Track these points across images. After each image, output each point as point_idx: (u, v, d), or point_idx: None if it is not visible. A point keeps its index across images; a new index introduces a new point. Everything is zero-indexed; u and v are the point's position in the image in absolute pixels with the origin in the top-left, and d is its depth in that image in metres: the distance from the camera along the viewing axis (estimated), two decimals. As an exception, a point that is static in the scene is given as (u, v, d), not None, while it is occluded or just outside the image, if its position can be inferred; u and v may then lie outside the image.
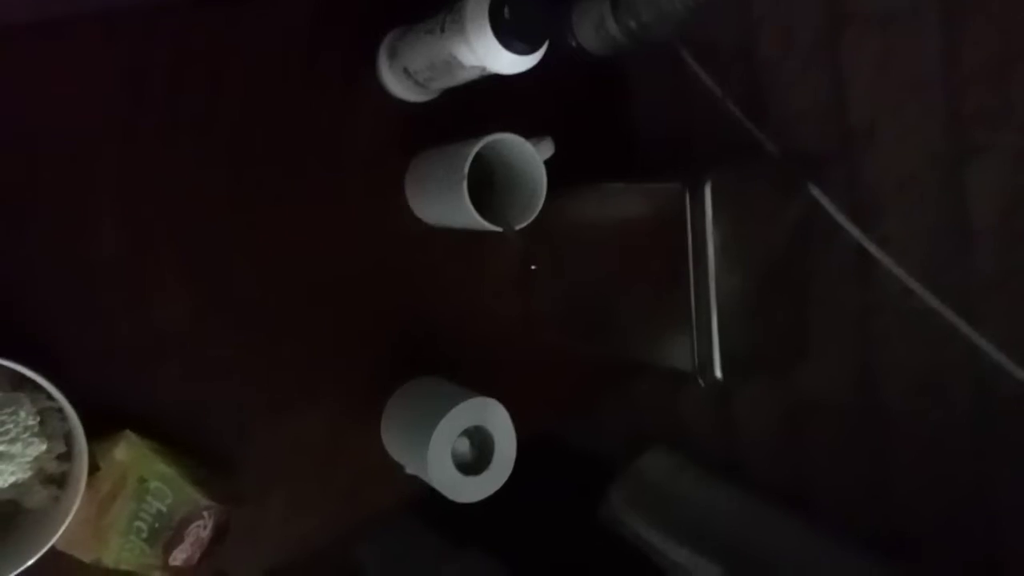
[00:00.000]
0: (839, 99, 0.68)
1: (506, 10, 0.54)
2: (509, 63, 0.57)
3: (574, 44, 0.74)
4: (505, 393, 0.65)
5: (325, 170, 0.68)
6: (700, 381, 0.61)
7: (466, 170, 0.61)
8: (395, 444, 0.67)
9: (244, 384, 0.64)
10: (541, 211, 0.64)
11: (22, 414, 0.51)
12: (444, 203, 0.67)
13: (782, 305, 0.67)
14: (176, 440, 0.60)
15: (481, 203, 0.62)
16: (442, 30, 0.59)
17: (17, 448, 0.50)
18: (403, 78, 0.67)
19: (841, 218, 0.66)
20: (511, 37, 0.55)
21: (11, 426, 0.50)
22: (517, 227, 0.64)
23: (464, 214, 0.63)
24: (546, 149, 0.68)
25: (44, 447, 0.52)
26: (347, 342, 0.69)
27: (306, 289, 0.67)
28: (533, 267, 0.71)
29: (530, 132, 0.67)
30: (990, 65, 0.58)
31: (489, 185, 0.68)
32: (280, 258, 0.66)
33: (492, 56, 0.56)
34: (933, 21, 0.60)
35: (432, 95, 0.70)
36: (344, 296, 0.69)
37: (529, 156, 0.65)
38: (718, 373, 0.60)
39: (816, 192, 0.66)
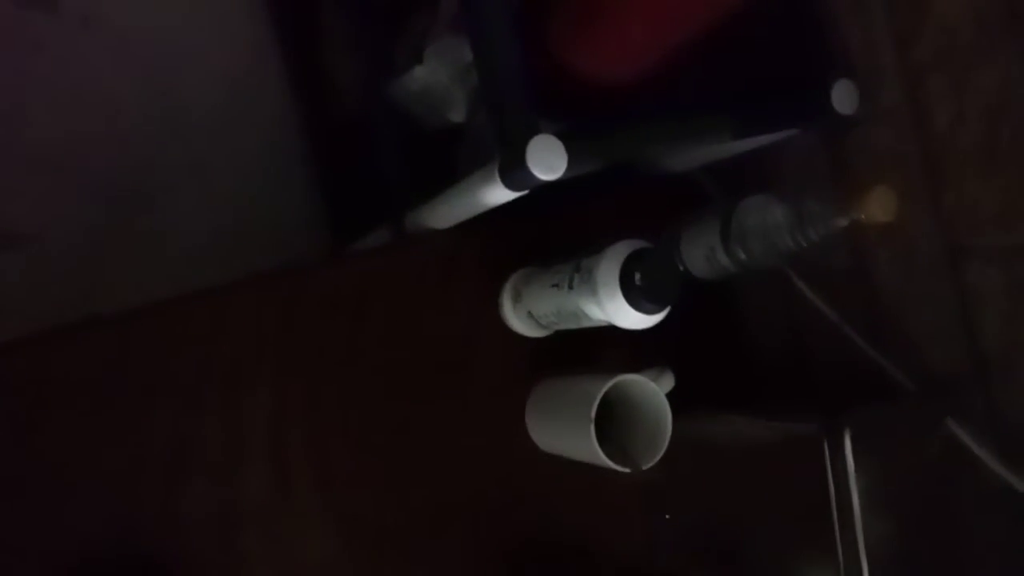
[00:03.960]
0: (966, 324, 0.66)
1: (637, 276, 0.57)
2: (637, 321, 0.58)
3: (682, 268, 0.76)
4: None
5: (450, 398, 0.71)
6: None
7: (593, 414, 0.62)
8: None
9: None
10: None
11: None
12: (568, 440, 0.67)
13: (930, 545, 0.63)
14: None
15: (601, 434, 0.62)
16: (570, 287, 0.61)
17: None
18: (526, 319, 0.70)
19: (983, 452, 0.63)
20: (641, 299, 0.57)
21: None
22: (644, 467, 0.63)
23: (590, 453, 0.63)
24: (667, 383, 0.68)
25: None
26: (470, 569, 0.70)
27: (430, 516, 0.69)
28: (667, 516, 0.69)
29: (644, 358, 0.68)
30: None
31: (608, 416, 0.68)
32: (409, 485, 0.69)
33: (621, 315, 0.58)
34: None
35: (551, 332, 0.72)
36: (466, 521, 0.70)
37: (652, 394, 0.65)
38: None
39: (954, 426, 0.64)
